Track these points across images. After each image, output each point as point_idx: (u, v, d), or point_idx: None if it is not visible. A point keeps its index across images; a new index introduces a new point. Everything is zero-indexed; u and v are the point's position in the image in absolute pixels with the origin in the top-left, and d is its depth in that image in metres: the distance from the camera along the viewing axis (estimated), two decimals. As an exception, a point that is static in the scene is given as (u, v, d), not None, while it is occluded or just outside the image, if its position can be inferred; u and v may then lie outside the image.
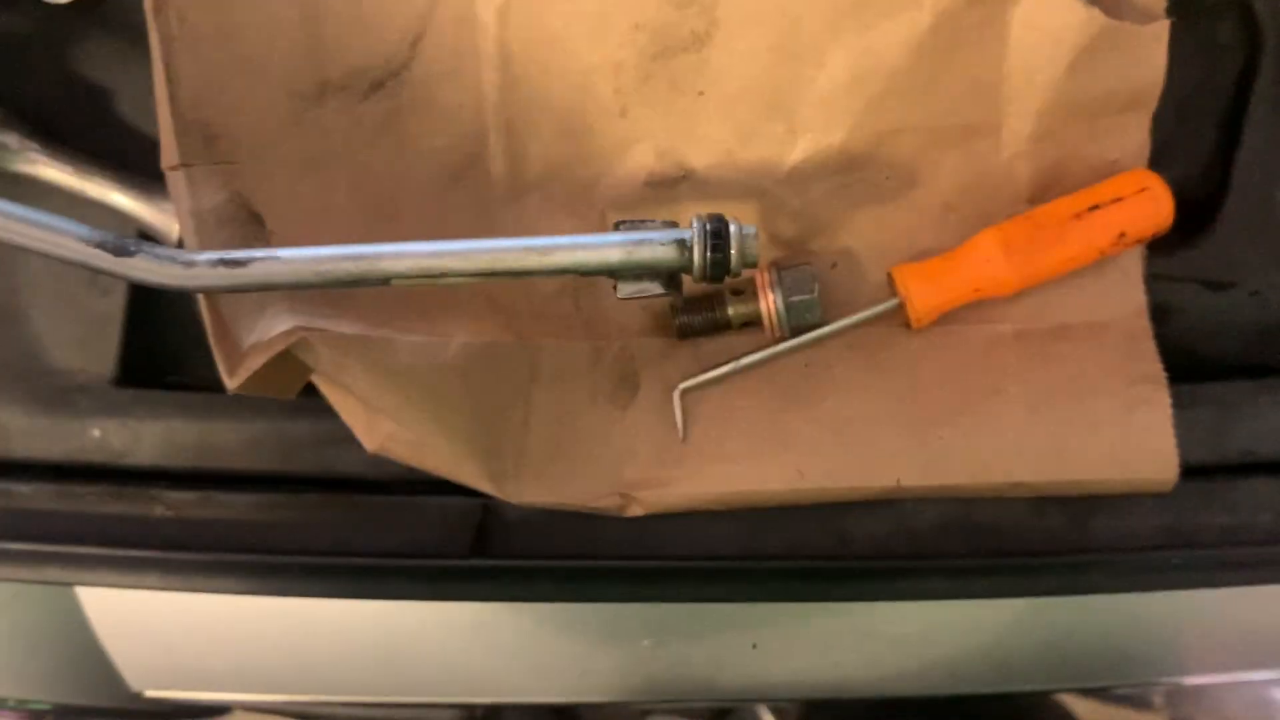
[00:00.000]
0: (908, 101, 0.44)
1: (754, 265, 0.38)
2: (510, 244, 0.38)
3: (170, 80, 0.41)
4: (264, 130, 0.43)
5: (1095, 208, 0.44)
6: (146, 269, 0.38)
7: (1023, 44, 0.43)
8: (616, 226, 0.39)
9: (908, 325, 0.46)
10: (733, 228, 0.38)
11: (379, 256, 0.38)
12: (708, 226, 0.38)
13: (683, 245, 0.38)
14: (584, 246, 0.38)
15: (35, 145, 0.47)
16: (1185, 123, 0.48)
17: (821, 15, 0.43)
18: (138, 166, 0.48)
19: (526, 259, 0.38)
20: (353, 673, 0.51)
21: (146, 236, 0.48)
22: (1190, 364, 0.48)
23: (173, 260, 0.38)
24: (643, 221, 0.39)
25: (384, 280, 0.38)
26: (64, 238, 0.38)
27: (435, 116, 0.44)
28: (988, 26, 0.43)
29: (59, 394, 0.50)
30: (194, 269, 0.38)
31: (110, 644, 0.54)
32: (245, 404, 0.49)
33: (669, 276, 0.39)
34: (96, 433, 0.50)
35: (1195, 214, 0.48)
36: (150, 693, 0.54)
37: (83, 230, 0.39)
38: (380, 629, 0.50)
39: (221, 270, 0.38)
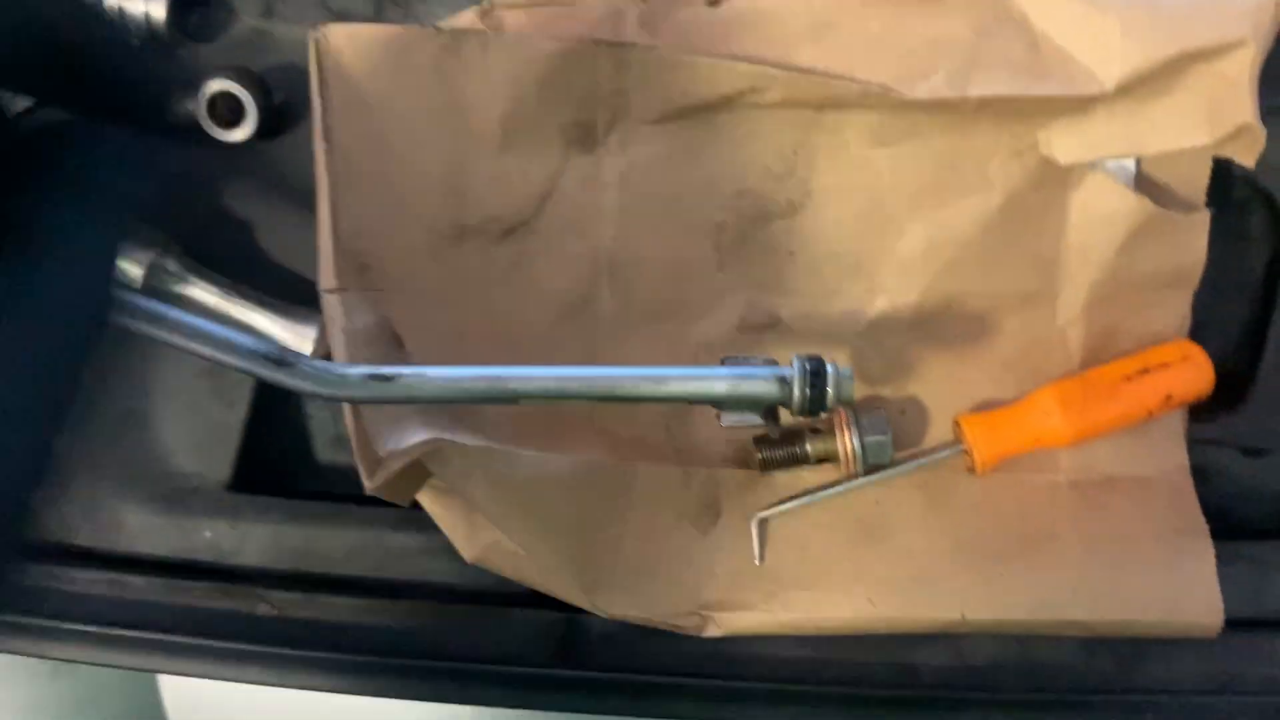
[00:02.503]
0: (975, 269, 0.51)
1: (849, 403, 0.44)
2: (627, 372, 0.44)
3: (334, 214, 0.48)
4: (409, 264, 0.50)
5: (1144, 372, 0.51)
6: (304, 379, 0.44)
7: (1079, 225, 0.51)
8: (723, 362, 0.46)
9: (972, 470, 0.52)
10: (830, 368, 0.44)
11: (509, 378, 0.44)
12: (808, 366, 0.43)
13: (784, 382, 0.44)
14: (693, 378, 0.44)
15: (190, 269, 0.54)
16: (1223, 301, 0.55)
17: (903, 192, 0.50)
18: (276, 292, 0.55)
19: (641, 386, 0.44)
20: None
21: (276, 354, 0.55)
22: (1229, 524, 0.54)
23: (328, 373, 0.44)
24: (746, 358, 0.45)
25: (513, 399, 0.44)
26: (233, 348, 0.44)
27: (557, 261, 0.52)
28: (1049, 208, 0.51)
29: (177, 495, 0.56)
30: (346, 381, 0.44)
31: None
32: (348, 514, 0.55)
33: (769, 409, 0.45)
34: (208, 533, 0.55)
35: (1233, 384, 0.55)
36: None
37: (248, 341, 0.45)
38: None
39: (371, 384, 0.44)
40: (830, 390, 0.43)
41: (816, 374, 0.43)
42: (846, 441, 0.51)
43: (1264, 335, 0.54)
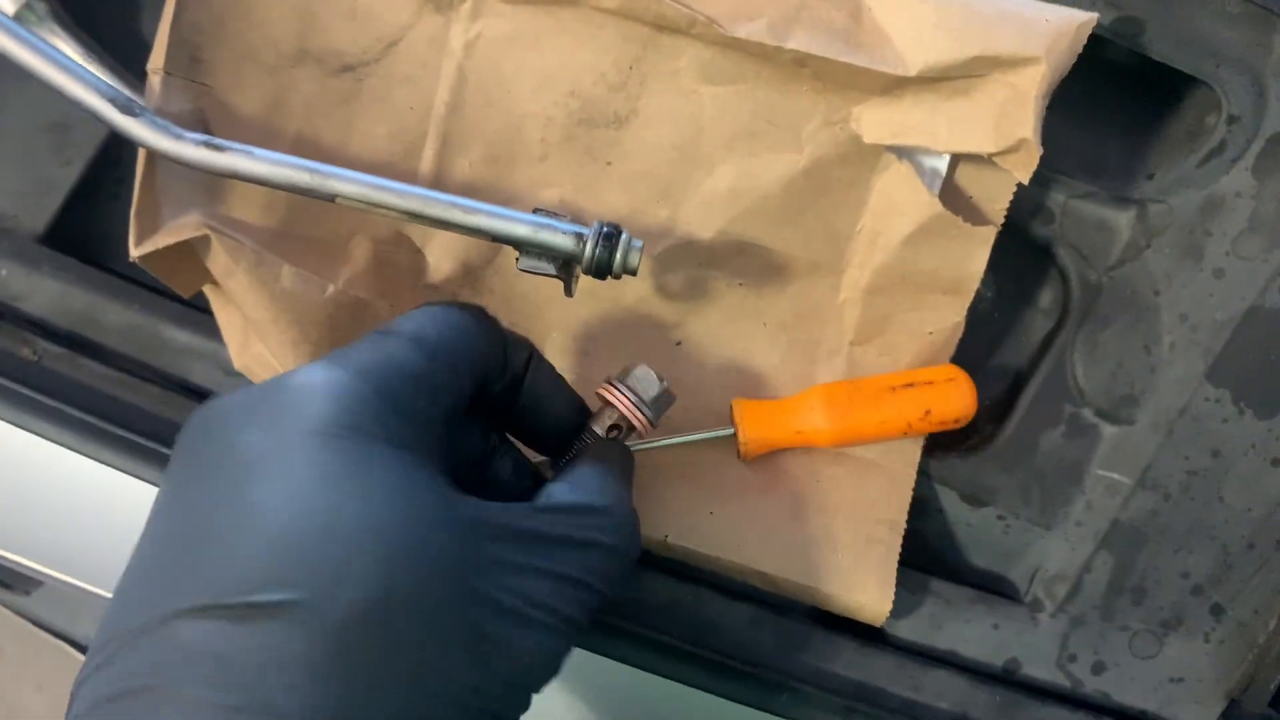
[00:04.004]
0: (772, 224, 0.54)
1: (633, 273, 0.47)
2: (441, 196, 0.48)
3: (179, 3, 0.51)
4: (241, 70, 0.52)
5: (910, 385, 0.53)
6: (142, 131, 0.47)
7: (876, 210, 0.53)
8: (535, 211, 0.48)
9: (739, 454, 0.55)
10: (624, 236, 0.47)
11: (332, 175, 0.47)
12: (604, 229, 0.47)
13: (579, 238, 0.47)
14: (499, 217, 0.48)
15: (59, 20, 0.57)
16: (996, 360, 0.60)
17: (722, 132, 0.53)
18: (135, 69, 0.58)
19: (450, 211, 0.48)
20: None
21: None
22: (933, 558, 0.58)
23: (166, 130, 0.47)
24: (556, 214, 0.49)
25: (330, 196, 0.47)
26: (85, 84, 0.47)
27: (386, 109, 0.54)
28: (852, 186, 0.53)
29: (-14, 232, 0.59)
30: (181, 142, 0.47)
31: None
32: (137, 295, 0.58)
33: (564, 263, 0.48)
34: (3, 272, 0.58)
35: (980, 436, 0.59)
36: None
37: (103, 83, 0.47)
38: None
39: (203, 150, 0.47)
40: (619, 254, 0.47)
41: (610, 237, 0.47)
42: (626, 406, 0.50)
43: (1016, 400, 0.58)
